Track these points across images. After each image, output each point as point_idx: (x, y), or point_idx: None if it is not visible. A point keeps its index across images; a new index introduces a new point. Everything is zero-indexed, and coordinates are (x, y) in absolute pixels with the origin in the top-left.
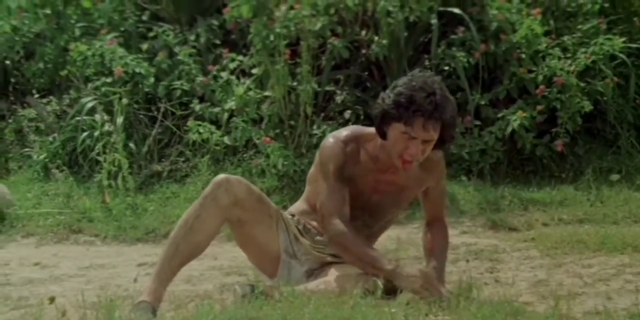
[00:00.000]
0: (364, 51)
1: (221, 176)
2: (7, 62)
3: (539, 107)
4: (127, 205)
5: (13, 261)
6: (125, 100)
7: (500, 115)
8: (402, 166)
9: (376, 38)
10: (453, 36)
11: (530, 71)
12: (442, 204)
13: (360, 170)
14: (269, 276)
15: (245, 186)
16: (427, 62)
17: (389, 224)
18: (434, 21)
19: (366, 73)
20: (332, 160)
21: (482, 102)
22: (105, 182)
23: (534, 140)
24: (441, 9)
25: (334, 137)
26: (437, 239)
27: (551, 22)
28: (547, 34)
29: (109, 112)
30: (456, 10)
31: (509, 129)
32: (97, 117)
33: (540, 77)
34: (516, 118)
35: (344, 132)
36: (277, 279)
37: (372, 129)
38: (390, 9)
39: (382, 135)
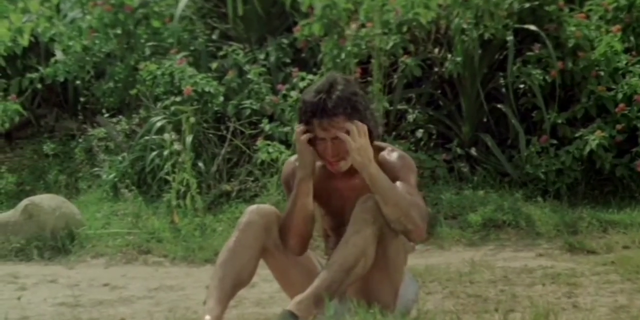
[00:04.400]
0: (436, 69)
1: (253, 206)
2: (78, 81)
3: (619, 126)
4: (195, 226)
5: (83, 282)
6: (194, 119)
7: (577, 134)
8: (331, 168)
9: (449, 56)
10: (529, 53)
11: (609, 89)
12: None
13: (319, 182)
14: None
15: (275, 214)
16: (501, 80)
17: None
18: (509, 38)
19: (439, 91)
20: (284, 180)
21: (559, 121)
22: (174, 202)
23: (614, 160)
24: (517, 26)
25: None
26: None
27: (631, 38)
28: (627, 51)
29: (178, 131)
30: (532, 27)
31: (587, 149)
32: (166, 136)
33: (620, 95)
34: (595, 137)
35: None
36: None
37: None
38: (465, 26)
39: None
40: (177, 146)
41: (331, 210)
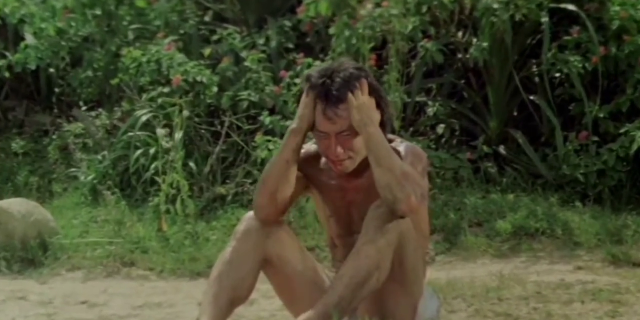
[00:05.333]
0: (460, 55)
1: (251, 212)
2: (51, 69)
3: None
4: (186, 234)
5: (57, 299)
6: (185, 113)
7: (622, 130)
8: (335, 169)
9: (475, 40)
10: (566, 37)
11: None
12: None
13: (320, 177)
14: None
15: (277, 220)
16: (534, 68)
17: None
18: (544, 20)
19: (463, 81)
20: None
21: (601, 115)
22: (162, 207)
23: None
24: (553, 5)
25: None
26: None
27: None
28: None
29: (166, 126)
30: (570, 7)
31: (634, 147)
32: (159, 131)
33: None
34: None
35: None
36: None
37: None
38: (494, 6)
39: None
40: (165, 143)
41: (336, 212)
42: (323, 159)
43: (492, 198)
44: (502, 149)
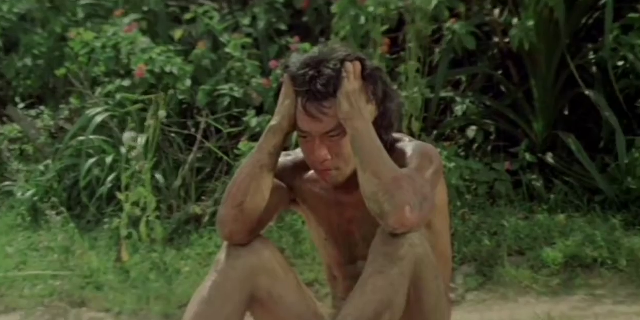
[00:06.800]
0: (497, 40)
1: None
2: None
3: None
4: (152, 265)
5: None
6: (150, 112)
7: None
8: (322, 179)
9: (515, 20)
10: (632, 15)
11: None
12: None
13: (316, 199)
14: None
15: (268, 248)
16: (592, 55)
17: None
18: None
19: (500, 72)
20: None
21: None
22: (123, 231)
23: None
24: None
25: None
26: None
27: None
28: None
29: (124, 129)
30: None
31: None
32: (125, 135)
33: None
34: None
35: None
36: None
37: None
38: None
39: None
40: (125, 151)
41: (333, 233)
42: (310, 180)
43: (538, 219)
44: (549, 158)
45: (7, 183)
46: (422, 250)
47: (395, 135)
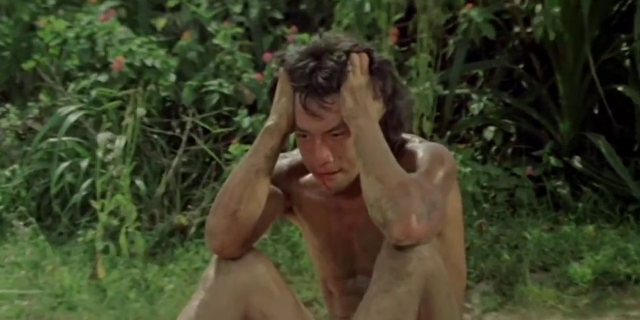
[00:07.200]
0: (518, 29)
1: None
2: None
3: None
4: (132, 282)
5: None
6: (128, 110)
7: None
8: (324, 184)
9: (539, 7)
10: None
11: None
12: None
13: (312, 204)
14: None
15: (263, 262)
16: (624, 46)
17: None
18: None
19: (521, 66)
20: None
21: None
22: (99, 244)
23: None
24: None
25: None
26: None
27: None
28: None
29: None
30: None
31: None
32: (100, 136)
33: None
34: None
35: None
36: None
37: None
38: None
39: None
40: (101, 154)
41: (331, 242)
42: (309, 185)
43: (564, 231)
44: (577, 162)
45: None
46: (433, 264)
47: (405, 136)
